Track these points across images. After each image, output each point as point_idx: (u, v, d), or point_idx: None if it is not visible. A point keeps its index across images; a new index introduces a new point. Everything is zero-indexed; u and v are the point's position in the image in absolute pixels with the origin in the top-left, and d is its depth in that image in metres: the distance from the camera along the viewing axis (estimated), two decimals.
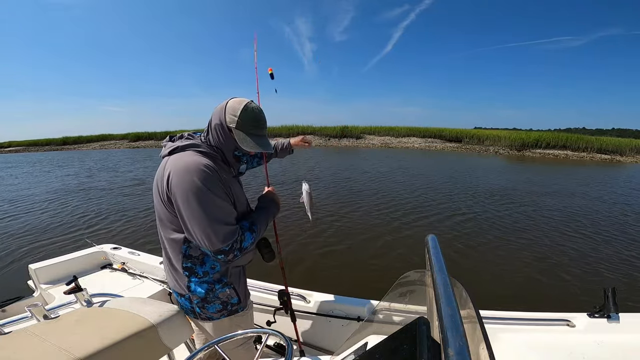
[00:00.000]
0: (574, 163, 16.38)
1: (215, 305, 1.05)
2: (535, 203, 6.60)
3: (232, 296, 1.07)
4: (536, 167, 14.09)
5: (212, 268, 1.02)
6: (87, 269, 2.24)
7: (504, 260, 3.78)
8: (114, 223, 5.37)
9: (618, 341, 1.17)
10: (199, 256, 1.00)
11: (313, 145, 1.62)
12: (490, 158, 17.67)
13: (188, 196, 0.88)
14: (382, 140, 26.88)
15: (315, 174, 10.40)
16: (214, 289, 1.03)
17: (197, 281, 1.02)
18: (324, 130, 28.36)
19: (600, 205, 6.54)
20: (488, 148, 22.49)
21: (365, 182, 8.94)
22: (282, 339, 0.82)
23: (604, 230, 4.90)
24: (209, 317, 1.07)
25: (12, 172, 14.28)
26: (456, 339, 0.38)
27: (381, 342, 0.63)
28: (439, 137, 25.89)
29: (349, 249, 4.08)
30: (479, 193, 7.52)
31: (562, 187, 8.58)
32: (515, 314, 1.35)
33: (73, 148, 35.38)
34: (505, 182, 9.13)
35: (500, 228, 4.92)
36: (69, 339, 0.86)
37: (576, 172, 12.30)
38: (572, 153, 19.79)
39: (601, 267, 3.58)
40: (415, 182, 8.96)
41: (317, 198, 6.74)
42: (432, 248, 0.70)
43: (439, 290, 0.51)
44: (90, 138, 38.03)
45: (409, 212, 5.76)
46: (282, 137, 29.12)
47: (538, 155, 19.66)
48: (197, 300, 1.04)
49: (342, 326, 1.60)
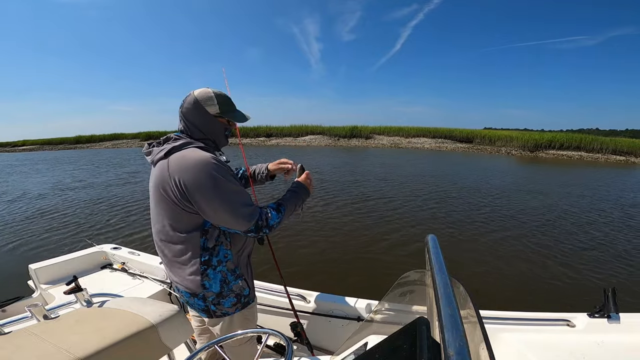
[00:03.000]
0: (588, 164, 16.04)
1: (230, 299, 1.07)
2: (548, 204, 6.59)
3: (244, 287, 1.10)
4: (554, 168, 13.83)
5: (224, 257, 1.04)
6: (87, 269, 2.24)
7: (504, 260, 3.78)
8: (114, 223, 5.37)
9: (618, 341, 1.17)
10: (214, 247, 1.02)
11: (296, 168, 1.27)
12: (503, 159, 17.36)
13: (209, 189, 0.93)
14: (392, 140, 26.72)
15: (316, 170, 10.42)
16: (227, 281, 1.05)
17: (212, 273, 1.02)
18: (333, 130, 28.35)
19: (604, 205, 6.55)
20: (500, 149, 22.12)
21: (366, 181, 8.95)
22: (282, 339, 0.81)
23: (610, 230, 4.91)
24: (225, 313, 1.08)
25: (21, 169, 14.30)
26: (456, 339, 0.38)
27: (381, 342, 0.63)
28: (449, 138, 25.58)
29: (349, 249, 4.08)
30: (493, 194, 7.51)
31: (593, 190, 8.23)
32: (515, 314, 1.35)
33: (86, 147, 35.80)
34: (533, 185, 8.75)
35: (508, 229, 4.93)
36: (69, 339, 0.86)
37: (596, 174, 11.98)
38: (587, 154, 19.39)
39: (601, 267, 3.58)
40: (420, 180, 8.96)
41: (321, 198, 6.75)
42: (432, 248, 0.70)
43: (439, 290, 0.51)
44: (102, 137, 38.66)
45: (409, 213, 5.77)
46: (290, 137, 28.84)
47: (551, 157, 19.37)
48: (212, 297, 1.04)
49: (342, 326, 1.60)
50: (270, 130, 30.05)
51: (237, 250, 1.08)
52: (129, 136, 37.21)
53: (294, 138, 28.78)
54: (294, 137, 28.91)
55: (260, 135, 29.98)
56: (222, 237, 1.03)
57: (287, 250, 3.98)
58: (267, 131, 30.07)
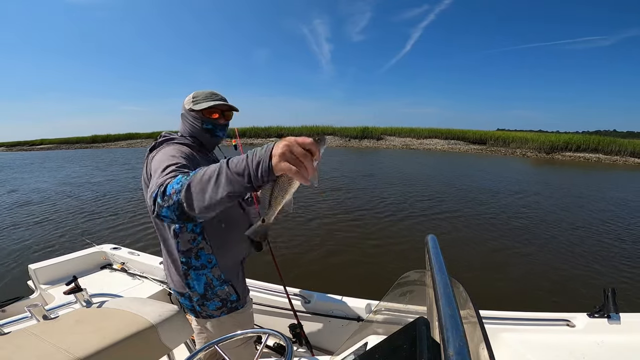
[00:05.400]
0: (606, 167, 15.73)
1: (215, 302, 1.07)
2: (558, 206, 6.58)
3: (230, 293, 1.09)
4: (574, 170, 13.52)
5: (208, 262, 1.04)
6: (87, 269, 2.24)
7: (504, 260, 3.78)
8: (115, 222, 5.37)
9: (618, 341, 1.17)
10: (190, 249, 1.02)
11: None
12: (518, 161, 17.01)
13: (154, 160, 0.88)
14: (403, 141, 26.58)
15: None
16: (212, 286, 1.05)
17: (195, 275, 1.03)
18: (344, 131, 28.31)
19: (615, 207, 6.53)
20: (515, 150, 21.76)
21: (368, 182, 8.94)
22: (282, 339, 0.81)
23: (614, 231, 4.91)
24: (210, 315, 1.08)
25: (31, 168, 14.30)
26: (456, 339, 0.38)
27: (381, 342, 0.63)
28: (462, 139, 25.28)
29: (349, 249, 4.07)
30: (507, 196, 7.46)
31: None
32: (515, 314, 1.35)
33: (102, 146, 36.19)
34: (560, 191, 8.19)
35: (513, 229, 4.93)
36: (69, 339, 0.85)
37: (621, 177, 11.60)
38: (605, 156, 19.03)
39: (601, 268, 3.58)
40: (420, 182, 8.96)
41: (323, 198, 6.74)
42: (432, 248, 0.70)
43: (439, 290, 0.51)
44: (118, 136, 39.14)
45: (411, 212, 5.77)
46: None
47: (568, 159, 19.07)
48: (196, 297, 1.05)
49: (342, 326, 1.60)
50: (281, 131, 30.16)
51: (224, 256, 1.07)
52: (143, 135, 37.73)
53: None
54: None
55: (272, 136, 30.08)
56: (202, 242, 1.02)
57: (287, 250, 3.98)
58: (278, 132, 30.19)
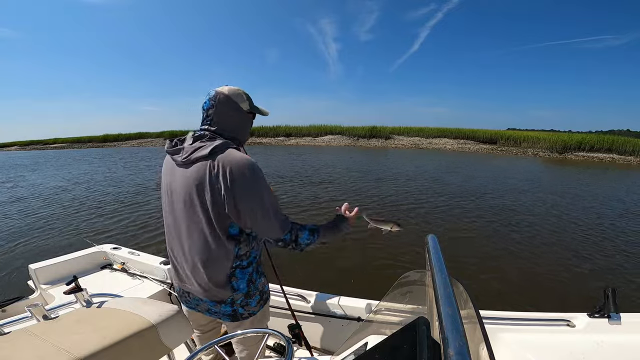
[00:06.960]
0: (622, 167, 15.36)
1: (256, 297, 1.06)
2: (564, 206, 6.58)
3: (265, 284, 1.12)
4: (589, 170, 13.14)
5: (254, 258, 1.05)
6: (87, 269, 2.23)
7: (504, 259, 3.78)
8: (115, 223, 5.36)
9: (618, 341, 1.17)
10: (247, 252, 1.01)
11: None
12: (530, 161, 16.60)
13: (252, 185, 0.93)
14: (412, 141, 26.09)
15: (315, 172, 10.42)
16: (253, 281, 1.04)
17: (240, 274, 1.00)
18: (353, 130, 28.11)
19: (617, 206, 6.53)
20: (526, 150, 21.23)
21: (370, 182, 8.95)
22: (282, 339, 0.82)
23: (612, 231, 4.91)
24: (251, 313, 1.06)
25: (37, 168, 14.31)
26: (456, 339, 0.38)
27: (381, 342, 0.63)
28: (472, 139, 24.67)
29: (349, 249, 4.07)
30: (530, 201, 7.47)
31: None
32: (515, 314, 1.34)
33: (113, 145, 36.24)
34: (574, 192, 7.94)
35: (515, 231, 4.93)
36: (69, 339, 0.86)
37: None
38: (619, 157, 18.57)
39: (601, 268, 3.58)
40: (420, 182, 8.96)
41: (323, 198, 6.74)
42: (432, 248, 0.70)
43: (439, 290, 0.51)
44: (128, 136, 39.31)
45: (411, 212, 5.77)
46: (309, 136, 28.45)
47: (581, 159, 18.62)
48: (240, 299, 1.02)
49: (342, 326, 1.60)
50: (290, 130, 30.10)
51: (259, 248, 1.09)
52: (153, 135, 37.95)
53: (312, 138, 28.66)
54: (312, 137, 28.79)
55: (280, 135, 30.03)
56: (254, 242, 1.03)
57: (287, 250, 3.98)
58: (287, 131, 30.14)
